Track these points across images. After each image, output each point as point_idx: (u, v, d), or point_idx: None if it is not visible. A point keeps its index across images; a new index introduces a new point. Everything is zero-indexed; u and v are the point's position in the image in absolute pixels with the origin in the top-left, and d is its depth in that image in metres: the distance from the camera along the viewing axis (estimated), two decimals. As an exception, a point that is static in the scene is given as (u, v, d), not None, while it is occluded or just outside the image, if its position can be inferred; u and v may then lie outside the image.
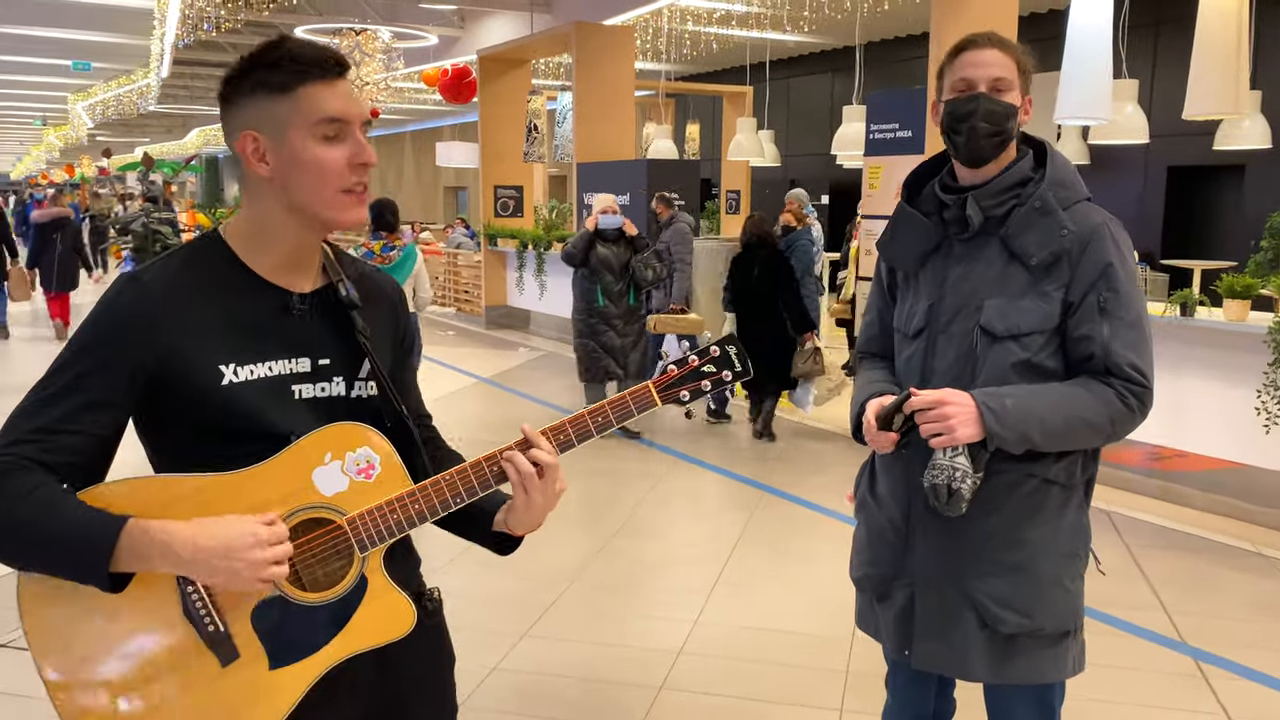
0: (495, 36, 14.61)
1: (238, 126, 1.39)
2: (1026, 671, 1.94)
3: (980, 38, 1.92)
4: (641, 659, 3.65)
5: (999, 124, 1.87)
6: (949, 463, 1.81)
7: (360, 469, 1.40)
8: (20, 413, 1.33)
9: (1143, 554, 4.77)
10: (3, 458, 1.28)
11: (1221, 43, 5.38)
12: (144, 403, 1.36)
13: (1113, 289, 1.85)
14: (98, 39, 18.13)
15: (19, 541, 1.27)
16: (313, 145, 1.36)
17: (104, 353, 1.33)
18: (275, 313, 1.42)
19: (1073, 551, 1.96)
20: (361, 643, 1.40)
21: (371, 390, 1.49)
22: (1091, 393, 1.84)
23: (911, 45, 15.39)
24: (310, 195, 1.38)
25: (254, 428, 1.37)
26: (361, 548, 1.40)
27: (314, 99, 1.36)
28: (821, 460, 6.61)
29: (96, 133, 35.25)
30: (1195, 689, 3.46)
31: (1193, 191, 12.35)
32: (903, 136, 7.01)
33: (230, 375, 1.37)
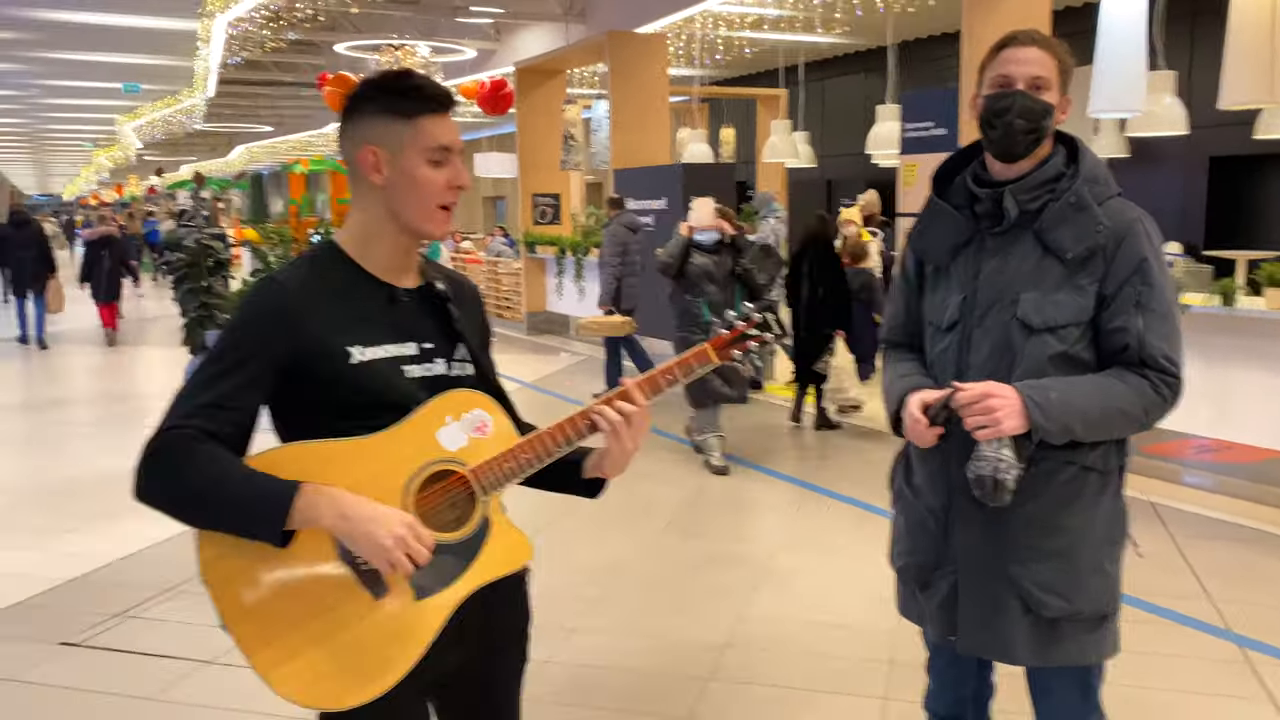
0: (531, 48, 14.79)
1: (360, 139, 1.63)
2: (1069, 654, 1.99)
3: (1022, 35, 1.96)
4: (688, 652, 3.74)
5: (1035, 121, 1.92)
6: (994, 454, 1.85)
7: (476, 427, 1.65)
8: (188, 391, 1.56)
9: (1188, 544, 4.77)
10: (183, 429, 1.51)
11: (1255, 32, 5.36)
12: (285, 383, 1.58)
13: (1147, 283, 1.90)
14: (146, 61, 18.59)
15: (203, 503, 1.50)
16: (423, 167, 1.62)
17: (254, 341, 1.57)
18: (385, 304, 1.66)
19: (1110, 536, 2.00)
20: (490, 573, 1.64)
21: (467, 370, 1.73)
22: (1127, 384, 1.89)
23: (944, 44, 15.34)
24: (413, 208, 1.64)
25: (377, 400, 1.60)
26: (484, 492, 1.63)
27: (430, 128, 1.61)
28: (861, 457, 6.65)
29: (145, 153, 36.04)
30: (1240, 675, 3.47)
31: (1235, 181, 12.19)
32: (937, 134, 7.05)
33: (358, 355, 1.60)
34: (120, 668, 3.68)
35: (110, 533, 5.25)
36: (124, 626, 4.04)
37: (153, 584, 4.46)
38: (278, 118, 28.93)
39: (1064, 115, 1.98)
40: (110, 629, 4.02)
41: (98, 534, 5.25)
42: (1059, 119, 1.97)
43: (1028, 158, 1.96)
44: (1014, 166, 1.97)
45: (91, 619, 4.10)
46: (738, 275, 6.23)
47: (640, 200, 10.50)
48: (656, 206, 10.21)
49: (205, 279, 8.37)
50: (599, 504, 1.78)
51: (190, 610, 4.20)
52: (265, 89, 22.23)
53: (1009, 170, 1.98)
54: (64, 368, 11.38)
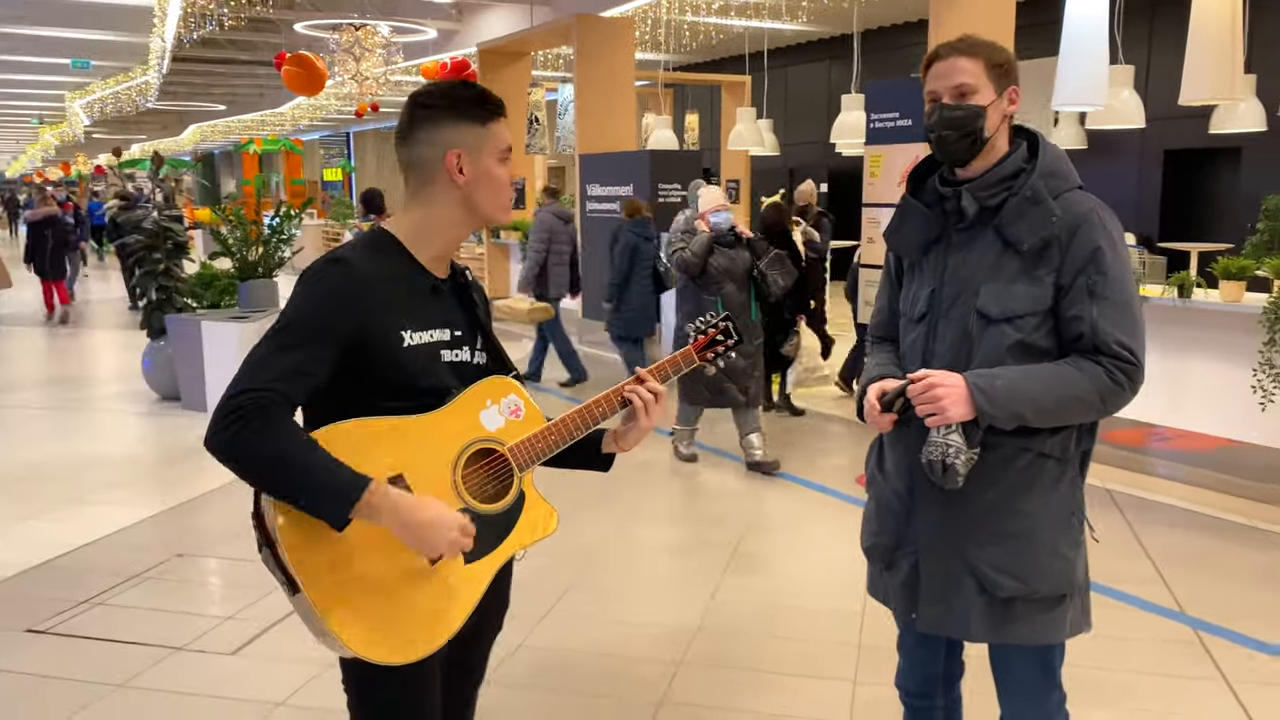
0: (494, 30, 14.68)
1: (443, 144, 1.79)
2: (1024, 633, 2.06)
3: (944, 48, 2.04)
4: (660, 636, 3.78)
5: (963, 127, 1.99)
6: (942, 440, 1.95)
7: (512, 410, 1.86)
8: (264, 358, 1.63)
9: (1144, 530, 4.90)
10: (267, 393, 1.59)
11: (1216, 29, 5.48)
12: (346, 361, 1.68)
13: (1101, 271, 1.96)
14: (97, 37, 18.17)
15: (279, 472, 1.59)
16: (496, 166, 1.83)
17: (326, 316, 1.67)
18: (429, 292, 1.82)
19: (1066, 521, 2.07)
20: (526, 539, 1.86)
21: (484, 357, 1.91)
22: (1082, 371, 1.95)
23: (909, 32, 15.46)
24: (490, 201, 1.84)
25: (421, 382, 1.75)
26: (520, 468, 1.85)
27: (500, 133, 1.83)
28: (828, 445, 6.74)
29: (93, 130, 35.24)
30: (1194, 656, 3.59)
31: (1190, 174, 12.45)
32: (903, 125, 7.11)
33: (409, 338, 1.75)
34: (88, 654, 3.64)
35: (73, 519, 5.17)
36: (91, 613, 4.00)
37: (119, 570, 4.41)
38: (231, 96, 28.44)
39: (1013, 107, 2.05)
40: (77, 615, 3.97)
41: (60, 520, 5.17)
42: (1008, 111, 2.04)
43: (980, 158, 2.03)
44: (971, 167, 2.05)
45: (57, 605, 4.05)
46: (754, 277, 6.09)
47: (606, 186, 10.50)
48: (623, 193, 10.21)
49: (164, 262, 8.23)
50: (570, 491, 1.92)
51: (158, 596, 4.16)
52: (220, 67, 21.82)
53: (968, 170, 2.06)
54: (13, 350, 11.15)
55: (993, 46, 2.05)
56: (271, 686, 3.36)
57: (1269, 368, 5.23)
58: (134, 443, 6.87)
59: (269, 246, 8.52)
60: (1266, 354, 5.22)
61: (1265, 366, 5.25)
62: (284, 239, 8.63)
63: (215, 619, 3.93)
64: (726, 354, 2.09)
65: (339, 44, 14.99)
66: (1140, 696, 3.32)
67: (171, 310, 8.03)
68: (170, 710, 3.28)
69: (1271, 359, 5.21)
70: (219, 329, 7.35)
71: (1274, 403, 5.30)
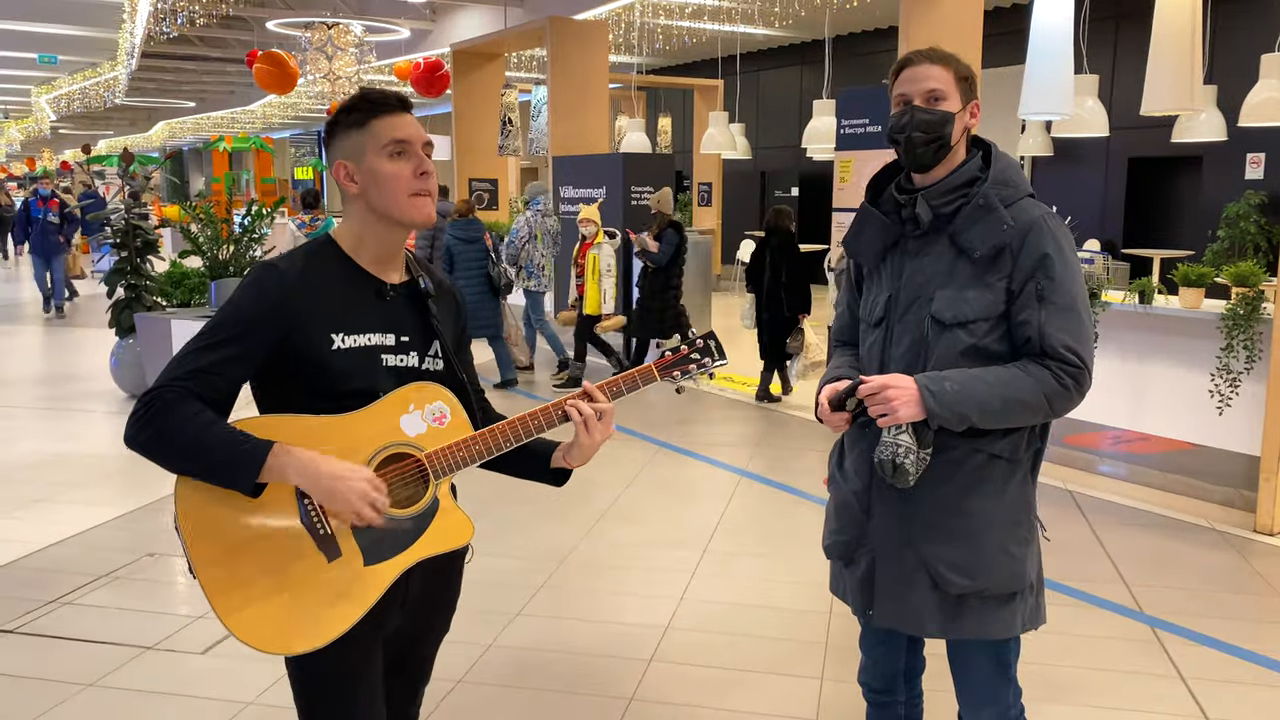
0: (468, 30, 14.67)
1: (333, 159, 1.81)
2: (975, 628, 2.12)
3: (916, 55, 2.11)
4: (630, 634, 3.82)
5: (933, 131, 2.05)
6: (893, 440, 2.02)
7: (435, 417, 1.82)
8: (183, 356, 1.71)
9: (1104, 531, 5.00)
10: (174, 387, 1.67)
11: (1177, 41, 5.60)
12: (271, 362, 1.74)
13: (1049, 277, 2.02)
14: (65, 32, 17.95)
15: (187, 450, 1.65)
16: (384, 162, 1.77)
17: (248, 321, 1.72)
18: (372, 297, 1.83)
19: (1016, 520, 2.13)
20: (434, 548, 1.81)
21: (438, 365, 1.90)
22: (1029, 374, 2.01)
23: (879, 39, 15.61)
24: (388, 201, 1.78)
25: (351, 385, 1.76)
26: (436, 476, 1.81)
27: (381, 128, 1.77)
28: (795, 446, 6.81)
29: (59, 125, 34.78)
30: (1152, 654, 3.68)
31: (1153, 182, 12.67)
32: (872, 131, 7.21)
33: (339, 342, 1.76)
34: (57, 654, 3.63)
35: (41, 519, 5.14)
36: (59, 613, 3.98)
37: (87, 570, 4.39)
38: (201, 93, 28.17)
39: (974, 119, 2.12)
40: (45, 615, 3.95)
41: (27, 520, 5.13)
42: (970, 124, 2.11)
43: (940, 165, 2.09)
44: (929, 174, 2.11)
45: (25, 605, 4.03)
46: None
47: (580, 189, 10.52)
48: (595, 195, 10.24)
49: (133, 260, 8.17)
50: (541, 491, 1.92)
51: (127, 597, 4.15)
52: (190, 64, 21.62)
53: (925, 178, 2.12)
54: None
55: (959, 60, 2.12)
56: (241, 686, 3.37)
57: (1226, 373, 5.36)
58: (102, 442, 6.82)
59: (240, 245, 8.47)
60: (1224, 359, 5.35)
61: (1222, 372, 5.37)
62: (255, 238, 8.59)
63: (185, 618, 3.93)
64: (701, 370, 2.00)
65: (311, 42, 14.91)
66: (1098, 693, 3.40)
67: (140, 308, 7.97)
68: (140, 709, 3.28)
69: (1229, 364, 5.34)
70: (189, 327, 7.30)
71: (1231, 407, 5.43)
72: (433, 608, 1.99)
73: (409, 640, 1.96)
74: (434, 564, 1.83)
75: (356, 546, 1.75)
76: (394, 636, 1.91)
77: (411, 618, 1.92)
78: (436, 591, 1.97)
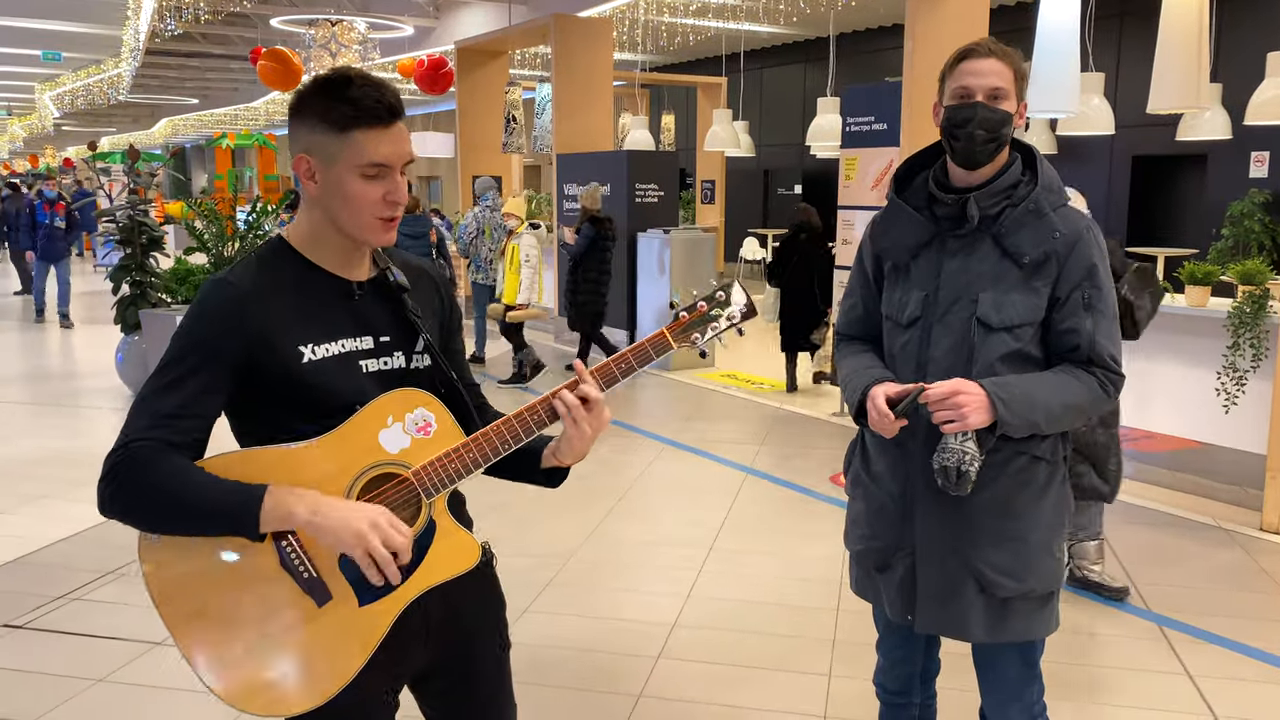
0: (472, 28, 14.67)
1: (296, 147, 1.59)
2: (1019, 630, 2.12)
3: (980, 47, 2.05)
4: (638, 631, 3.83)
5: (994, 130, 2.01)
6: (959, 447, 1.96)
7: (419, 427, 1.61)
8: (142, 401, 1.53)
9: (1111, 530, 4.99)
10: (145, 442, 1.49)
11: (1183, 40, 5.60)
12: (241, 387, 1.56)
13: (1096, 286, 2.02)
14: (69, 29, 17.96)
15: (172, 514, 1.49)
16: (355, 181, 1.56)
17: (207, 346, 1.54)
18: (339, 299, 1.63)
19: (1059, 520, 2.13)
20: (436, 576, 1.61)
21: (426, 362, 1.70)
22: (1080, 380, 2.02)
23: (884, 36, 15.59)
24: (347, 220, 1.59)
25: (330, 399, 1.58)
26: (428, 494, 1.60)
27: (363, 143, 1.54)
28: (801, 444, 6.81)
29: (62, 122, 34.81)
30: (1159, 652, 3.68)
31: (1157, 180, 12.65)
32: (878, 129, 7.20)
33: (309, 354, 1.58)
34: (67, 650, 3.64)
35: (47, 514, 5.15)
36: (69, 608, 3.99)
37: (95, 566, 4.40)
38: (204, 90, 28.20)
39: (1020, 121, 2.08)
40: (55, 611, 3.96)
41: (34, 515, 5.15)
42: (1016, 124, 2.06)
43: (989, 165, 2.05)
44: (976, 173, 2.06)
45: (34, 601, 4.04)
46: None
47: (583, 186, 10.52)
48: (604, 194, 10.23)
49: (138, 257, 8.18)
50: (548, 490, 1.80)
51: (136, 592, 4.15)
52: (193, 61, 21.64)
53: (971, 177, 2.07)
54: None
55: (1019, 56, 2.06)
56: (252, 681, 3.38)
57: (1232, 371, 5.35)
58: (109, 438, 6.79)
59: (245, 242, 8.48)
60: (1230, 357, 5.34)
61: (1229, 370, 5.37)
62: (259, 235, 8.60)
63: (194, 614, 3.93)
64: (728, 330, 1.73)
65: (315, 39, 14.92)
66: (1106, 690, 3.41)
67: (146, 305, 7.99)
68: (149, 705, 3.28)
69: (1235, 362, 5.34)
70: (194, 325, 7.31)
71: (1237, 405, 5.42)
72: (469, 628, 1.78)
73: (456, 675, 1.76)
74: (453, 582, 1.63)
75: (349, 587, 1.55)
76: (434, 673, 1.75)
77: (445, 647, 1.73)
78: (467, 610, 1.76)
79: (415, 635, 1.67)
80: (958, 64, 2.06)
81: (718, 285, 1.75)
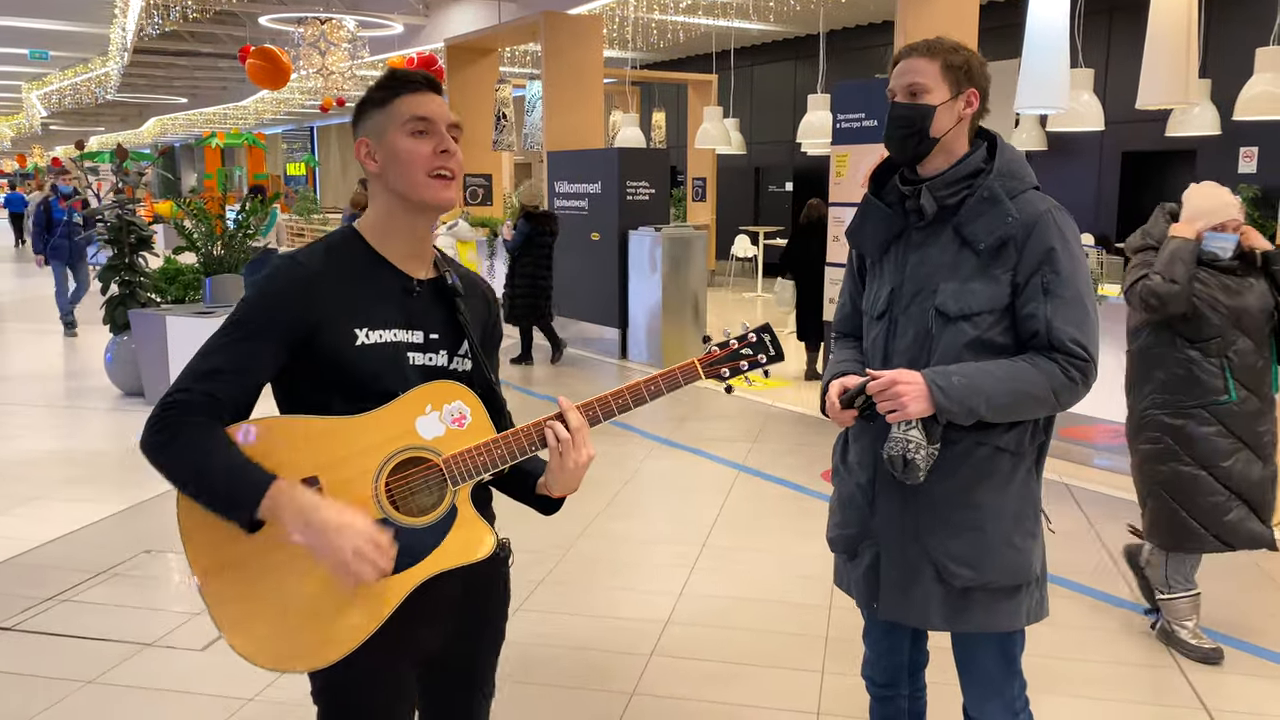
0: (461, 25, 14.63)
1: (357, 136, 1.73)
2: (980, 621, 2.13)
3: (905, 49, 2.10)
4: (631, 629, 3.83)
5: (910, 125, 2.05)
6: (903, 436, 2.01)
7: (455, 419, 1.70)
8: (203, 354, 1.65)
9: (1101, 523, 5.02)
10: (188, 394, 1.60)
11: (1172, 35, 5.61)
12: (293, 358, 1.66)
13: (1055, 270, 2.01)
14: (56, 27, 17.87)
15: (189, 474, 1.59)
16: (404, 140, 1.68)
17: (267, 315, 1.64)
18: (399, 292, 1.74)
19: (1021, 513, 2.13)
20: (451, 561, 1.68)
21: (467, 365, 1.79)
22: (1036, 367, 2.01)
23: (874, 33, 15.61)
24: (405, 180, 1.68)
25: (375, 384, 1.67)
26: (454, 482, 1.69)
27: (404, 105, 1.68)
28: (792, 441, 6.82)
29: (50, 122, 34.63)
30: (1150, 646, 3.69)
31: (1147, 176, 12.69)
32: (868, 126, 7.21)
33: (363, 338, 1.67)
34: (57, 651, 3.62)
35: (37, 516, 5.13)
36: (58, 610, 3.97)
37: (85, 567, 4.38)
38: (193, 89, 28.08)
39: (969, 109, 2.08)
40: (44, 612, 3.94)
41: (24, 517, 5.12)
42: (963, 114, 2.07)
43: (939, 156, 2.08)
44: (929, 165, 2.10)
45: (23, 603, 4.02)
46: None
47: (574, 184, 10.51)
48: (590, 190, 10.24)
49: (126, 256, 8.14)
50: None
51: (126, 594, 4.14)
52: (181, 59, 21.55)
53: (926, 169, 2.11)
54: (-28, 345, 10.96)
55: (954, 49, 2.08)
56: (241, 682, 3.37)
57: (1222, 365, 5.37)
58: (98, 439, 6.80)
59: (235, 241, 8.46)
60: (1220, 352, 5.36)
61: (1218, 364, 5.38)
62: (250, 234, 8.58)
63: (184, 615, 3.92)
64: (754, 368, 1.82)
65: (304, 38, 14.86)
66: (1097, 684, 3.42)
67: (135, 305, 7.95)
68: (140, 706, 3.27)
69: (1224, 357, 5.35)
70: (184, 324, 7.29)
71: (1227, 400, 5.44)
72: (476, 617, 1.88)
73: (454, 653, 1.86)
74: (471, 571, 1.70)
75: None
76: (436, 652, 1.82)
77: (453, 630, 1.82)
78: (478, 601, 1.86)
79: (425, 617, 1.72)
80: (892, 70, 2.12)
81: (752, 328, 1.84)
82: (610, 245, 9.97)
